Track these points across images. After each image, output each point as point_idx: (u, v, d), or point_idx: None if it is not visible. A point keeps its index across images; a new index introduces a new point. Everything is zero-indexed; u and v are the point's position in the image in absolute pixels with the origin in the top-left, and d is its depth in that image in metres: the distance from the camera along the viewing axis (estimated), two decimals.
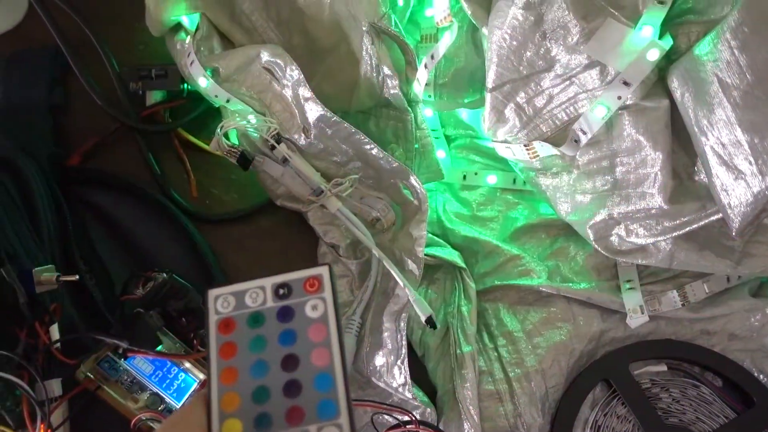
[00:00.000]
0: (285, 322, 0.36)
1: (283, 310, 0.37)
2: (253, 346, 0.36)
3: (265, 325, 0.36)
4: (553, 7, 0.46)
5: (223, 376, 0.35)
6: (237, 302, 0.37)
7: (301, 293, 0.37)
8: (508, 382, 0.54)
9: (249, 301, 0.37)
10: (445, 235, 0.60)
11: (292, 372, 0.35)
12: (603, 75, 0.47)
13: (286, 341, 0.36)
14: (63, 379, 0.48)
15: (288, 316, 0.37)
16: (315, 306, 0.37)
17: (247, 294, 0.37)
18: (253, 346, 0.36)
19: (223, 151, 0.55)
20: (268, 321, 0.36)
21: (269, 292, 0.37)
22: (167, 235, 0.61)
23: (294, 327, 0.36)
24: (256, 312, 0.37)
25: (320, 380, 0.35)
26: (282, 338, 0.36)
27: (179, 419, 0.36)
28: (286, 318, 0.37)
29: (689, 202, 0.47)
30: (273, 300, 0.37)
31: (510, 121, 0.51)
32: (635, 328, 0.54)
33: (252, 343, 0.36)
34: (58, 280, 0.48)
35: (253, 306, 0.37)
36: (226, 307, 0.37)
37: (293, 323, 0.36)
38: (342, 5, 0.55)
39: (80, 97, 0.64)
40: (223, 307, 0.37)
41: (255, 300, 0.37)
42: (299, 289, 0.37)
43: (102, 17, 0.65)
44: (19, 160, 0.55)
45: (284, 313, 0.37)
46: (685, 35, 0.46)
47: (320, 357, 0.35)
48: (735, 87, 0.42)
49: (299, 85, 0.53)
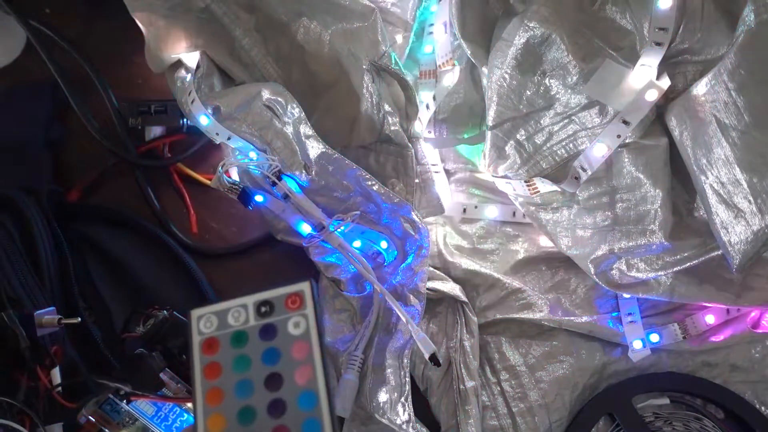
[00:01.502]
0: (268, 340, 0.36)
1: (265, 328, 0.36)
2: (237, 365, 0.36)
3: (248, 344, 0.36)
4: (552, 48, 0.47)
5: (209, 397, 0.35)
6: (219, 322, 0.37)
7: (283, 311, 0.37)
8: (511, 416, 0.54)
9: (231, 320, 0.37)
10: (446, 268, 0.60)
11: (276, 391, 0.35)
12: (602, 114, 0.47)
13: (270, 360, 0.36)
14: (64, 423, 0.48)
15: (270, 334, 0.36)
16: (297, 323, 0.36)
17: (230, 313, 0.37)
18: (237, 365, 0.36)
19: (225, 188, 0.55)
20: (251, 340, 0.36)
21: (251, 310, 0.37)
22: (167, 271, 0.60)
23: (277, 345, 0.36)
24: (239, 331, 0.36)
25: (304, 399, 0.35)
26: (265, 357, 0.36)
27: None
28: (269, 336, 0.36)
29: (690, 238, 0.48)
30: (255, 318, 0.37)
31: (510, 158, 0.51)
32: (637, 361, 0.55)
33: (236, 362, 0.36)
34: (60, 323, 0.47)
35: (235, 325, 0.37)
36: (209, 327, 0.37)
37: (276, 341, 0.36)
38: (342, 43, 0.56)
39: (79, 133, 0.64)
40: (206, 327, 0.37)
41: (237, 319, 0.37)
42: (281, 307, 0.37)
43: (100, 52, 0.65)
44: (20, 199, 0.54)
45: (266, 331, 0.36)
46: (681, 75, 0.47)
47: (303, 375, 0.35)
48: (733, 127, 0.43)
49: (300, 122, 0.53)
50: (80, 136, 0.64)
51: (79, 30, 0.66)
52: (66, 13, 0.67)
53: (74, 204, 0.62)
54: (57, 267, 0.54)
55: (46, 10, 0.68)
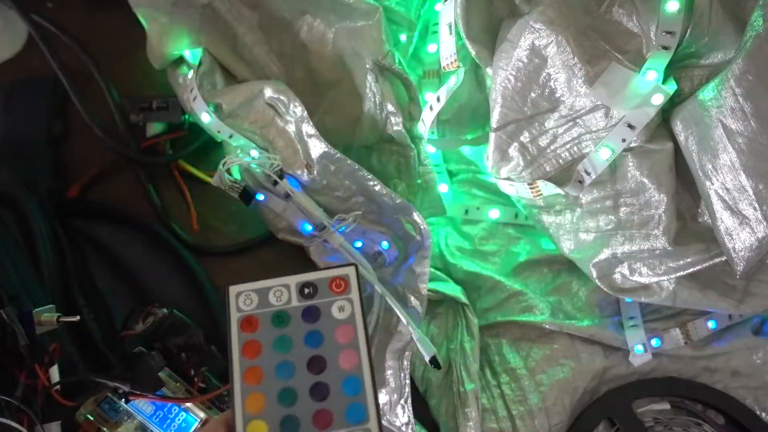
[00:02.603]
0: (311, 322, 0.35)
1: (308, 310, 0.36)
2: (278, 345, 0.35)
3: (291, 324, 0.35)
4: (558, 50, 0.46)
5: (247, 376, 0.34)
6: (260, 300, 0.36)
7: (327, 293, 0.36)
8: (511, 419, 0.54)
9: (273, 300, 0.36)
10: (447, 269, 0.60)
11: (319, 374, 0.34)
12: (607, 117, 0.47)
13: (313, 342, 0.35)
14: (62, 421, 0.48)
15: (314, 316, 0.36)
16: (342, 307, 0.36)
17: (271, 292, 0.36)
18: (278, 345, 0.35)
19: (226, 186, 0.55)
20: (293, 321, 0.35)
21: (294, 290, 0.36)
22: (167, 268, 0.60)
23: (320, 328, 0.35)
24: (281, 311, 0.36)
25: (348, 383, 0.34)
26: (308, 339, 0.35)
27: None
28: (312, 318, 0.36)
29: (693, 244, 0.48)
30: (298, 299, 0.36)
31: (514, 160, 0.51)
32: (638, 365, 0.54)
33: (276, 342, 0.35)
34: (59, 321, 0.47)
35: (277, 304, 0.36)
36: (249, 304, 0.36)
37: (319, 324, 0.35)
38: (345, 41, 0.55)
39: (80, 129, 0.64)
40: (246, 304, 0.36)
41: (279, 298, 0.36)
42: (325, 289, 0.36)
43: (102, 47, 0.65)
44: (20, 196, 0.54)
45: (310, 314, 0.36)
46: (688, 79, 0.47)
47: (348, 359, 0.34)
48: (739, 133, 0.42)
49: (302, 121, 0.53)
50: (81, 132, 0.64)
51: (80, 25, 0.65)
52: (68, 8, 0.67)
53: (74, 200, 0.61)
54: (56, 264, 0.54)
55: (48, 5, 0.67)
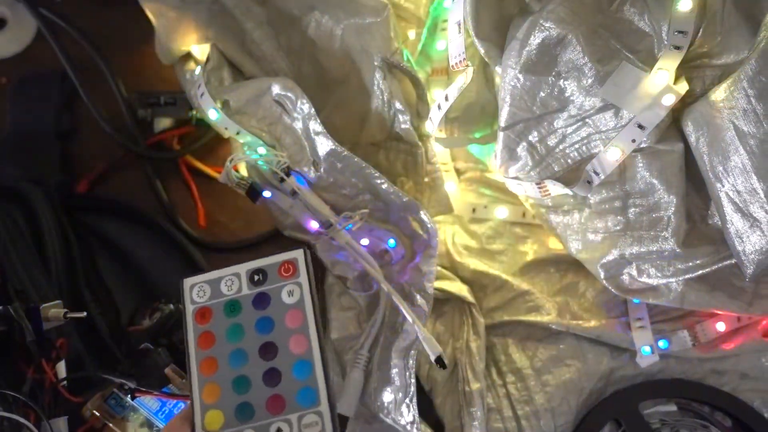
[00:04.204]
0: (261, 309, 0.36)
1: (258, 297, 0.36)
2: (231, 335, 0.35)
3: (242, 313, 0.36)
4: (568, 49, 0.46)
5: (203, 367, 0.35)
6: (213, 291, 0.36)
7: (277, 279, 0.36)
8: (516, 419, 0.54)
9: (225, 289, 0.37)
10: (454, 268, 0.60)
11: (271, 360, 0.35)
12: (617, 117, 0.46)
13: (264, 329, 0.35)
14: (69, 416, 0.48)
15: (264, 302, 0.36)
16: (291, 291, 0.36)
17: (223, 281, 0.37)
18: (231, 335, 0.35)
19: (233, 183, 0.55)
20: (245, 309, 0.36)
21: (244, 278, 0.37)
22: (174, 264, 0.60)
23: (270, 314, 0.36)
24: (233, 300, 0.36)
25: (299, 367, 0.34)
26: (259, 326, 0.36)
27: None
28: (263, 305, 0.36)
29: (703, 246, 0.47)
30: (248, 287, 0.36)
31: (522, 160, 0.51)
32: (645, 367, 0.54)
33: (229, 331, 0.35)
34: (66, 316, 0.47)
35: (229, 294, 0.36)
36: (202, 296, 0.36)
37: (269, 310, 0.36)
38: (354, 38, 0.55)
39: (88, 123, 0.64)
40: (199, 296, 0.36)
41: (230, 287, 0.37)
42: (274, 275, 0.36)
43: (110, 42, 0.65)
44: (28, 191, 0.54)
45: (260, 300, 0.36)
46: (699, 79, 0.46)
47: (298, 344, 0.35)
48: (751, 135, 0.42)
49: (310, 118, 0.53)
50: (89, 127, 0.64)
51: (89, 20, 0.65)
52: (76, 3, 0.67)
53: (82, 195, 0.62)
54: (64, 259, 0.54)
55: None
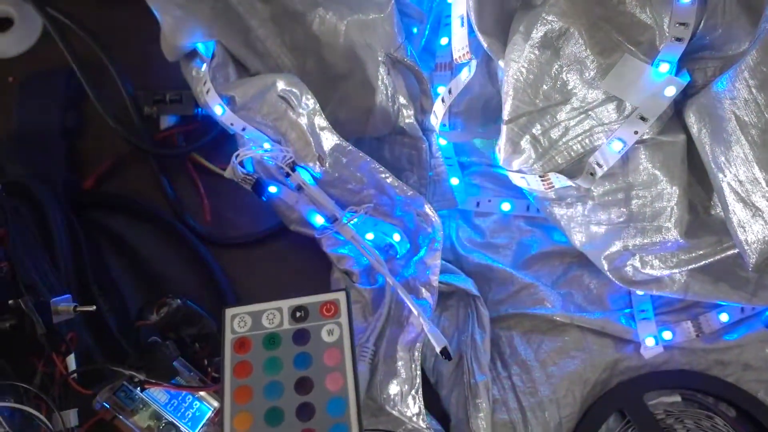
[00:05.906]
0: (301, 344, 0.37)
1: (299, 333, 0.37)
2: (268, 367, 0.37)
3: (281, 347, 0.37)
4: (570, 42, 0.46)
5: (237, 395, 0.36)
6: (253, 322, 0.38)
7: (318, 317, 0.38)
8: (521, 411, 0.54)
9: (266, 322, 0.38)
10: (459, 261, 0.60)
11: (306, 395, 0.36)
12: (620, 109, 0.47)
13: (301, 364, 0.37)
14: (79, 409, 0.48)
15: (304, 339, 0.37)
16: (331, 330, 0.37)
17: (264, 315, 0.38)
18: (268, 367, 0.37)
19: (239, 178, 0.56)
20: (284, 343, 0.37)
21: (286, 314, 0.38)
22: (181, 260, 0.61)
23: (309, 350, 0.37)
24: (273, 333, 0.37)
25: (333, 404, 0.35)
26: (297, 361, 0.37)
27: None
28: (302, 341, 0.37)
29: (705, 236, 0.48)
30: (289, 322, 0.38)
31: (525, 153, 0.51)
32: (649, 358, 0.54)
33: (267, 363, 0.37)
34: (76, 310, 0.48)
35: (269, 327, 0.38)
36: (243, 326, 0.38)
37: (309, 346, 0.37)
38: (357, 34, 0.56)
39: (94, 121, 0.64)
40: (240, 326, 0.38)
41: (272, 321, 0.38)
42: (316, 313, 0.38)
43: (116, 40, 0.65)
44: (35, 188, 0.55)
45: (300, 336, 0.37)
46: (701, 71, 0.46)
47: (334, 381, 0.36)
48: (753, 125, 0.42)
49: (314, 113, 0.53)
50: (95, 124, 0.64)
51: (95, 17, 0.66)
52: (82, 1, 0.68)
53: (89, 192, 0.62)
54: (72, 255, 0.55)
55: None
